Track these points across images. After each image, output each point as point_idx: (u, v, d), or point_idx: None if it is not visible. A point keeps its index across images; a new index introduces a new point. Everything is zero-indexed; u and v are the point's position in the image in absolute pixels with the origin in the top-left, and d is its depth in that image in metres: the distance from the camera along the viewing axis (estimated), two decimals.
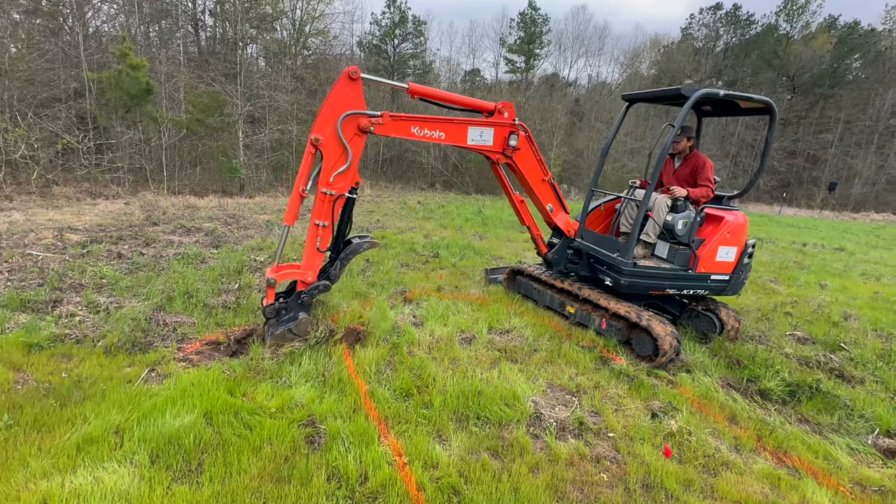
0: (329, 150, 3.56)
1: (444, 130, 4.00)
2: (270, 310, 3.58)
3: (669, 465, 2.61)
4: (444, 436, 2.71)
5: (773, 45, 38.03)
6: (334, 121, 3.50)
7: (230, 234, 8.09)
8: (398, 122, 3.80)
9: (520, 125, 4.25)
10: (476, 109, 4.24)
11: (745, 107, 4.40)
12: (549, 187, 4.73)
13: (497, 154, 4.31)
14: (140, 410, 2.57)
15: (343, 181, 3.66)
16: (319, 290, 3.75)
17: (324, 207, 3.62)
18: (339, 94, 3.52)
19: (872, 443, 3.08)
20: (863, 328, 5.57)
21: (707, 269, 4.40)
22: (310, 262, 3.68)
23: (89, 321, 3.87)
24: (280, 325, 3.62)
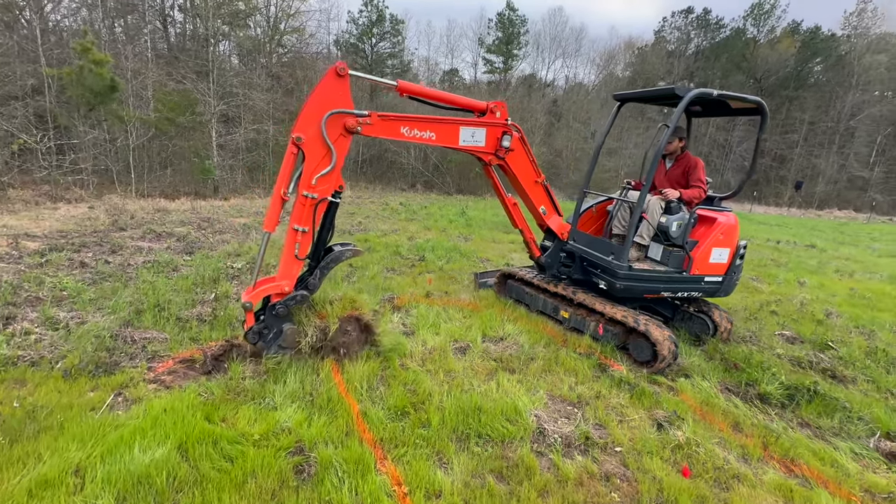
0: (312, 150, 3.30)
1: (435, 131, 3.78)
2: (252, 335, 3.34)
3: (681, 480, 2.49)
4: (445, 458, 2.52)
5: (741, 49, 39.32)
6: (318, 119, 3.23)
7: (204, 239, 7.69)
8: (387, 123, 3.57)
9: (513, 125, 4.08)
10: (467, 109, 4.04)
11: (735, 107, 4.37)
12: (542, 189, 4.60)
13: (490, 155, 4.13)
14: (104, 444, 2.29)
15: (326, 184, 3.40)
16: (296, 301, 3.43)
17: (304, 211, 3.36)
18: (324, 90, 3.27)
19: (875, 446, 3.05)
20: (845, 325, 5.66)
21: (701, 271, 4.35)
22: (286, 271, 3.40)
23: (47, 340, 3.51)
24: (269, 345, 3.39)
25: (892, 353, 4.65)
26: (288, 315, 3.41)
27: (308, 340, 3.43)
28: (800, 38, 38.33)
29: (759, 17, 40.03)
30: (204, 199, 12.85)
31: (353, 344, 3.57)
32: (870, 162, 35.51)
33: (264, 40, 22.14)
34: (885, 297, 7.29)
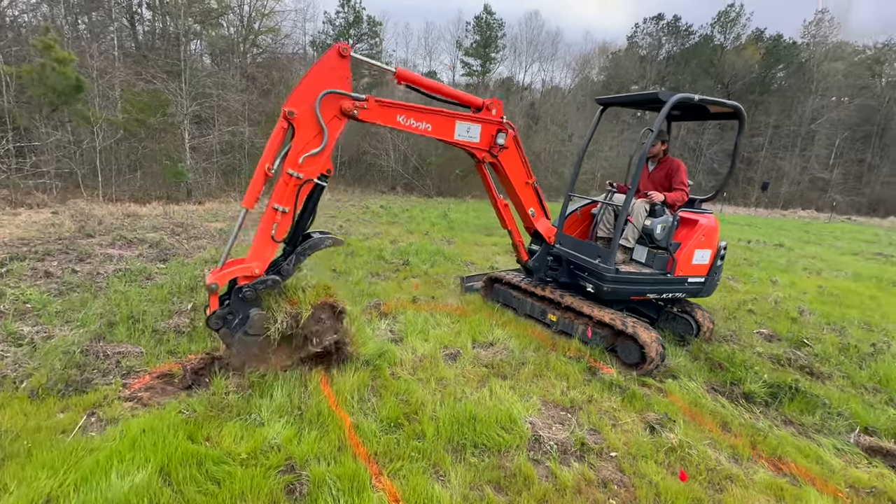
0: (303, 127, 3.14)
1: (431, 122, 3.74)
2: (215, 320, 3.06)
3: (677, 484, 2.51)
4: (442, 471, 2.46)
5: (709, 55, 40.68)
6: (313, 97, 3.10)
7: (179, 246, 7.40)
8: (384, 109, 3.48)
9: (507, 124, 4.09)
10: (463, 104, 4.03)
11: (714, 111, 4.48)
12: (532, 191, 4.61)
13: (483, 152, 4.13)
14: (78, 471, 2.14)
15: (313, 165, 3.22)
16: (267, 286, 3.15)
17: (287, 191, 3.16)
18: (323, 68, 3.15)
19: (855, 441, 3.15)
20: (818, 322, 5.87)
21: (684, 273, 4.43)
22: (259, 252, 3.16)
23: (10, 357, 3.28)
24: (233, 332, 3.12)
25: (864, 349, 4.84)
26: (256, 300, 3.14)
27: (278, 327, 3.14)
28: (764, 46, 39.95)
29: (725, 25, 41.53)
30: (177, 204, 12.40)
31: (327, 333, 3.37)
32: (829, 164, 37.27)
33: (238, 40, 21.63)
34: (852, 294, 7.61)
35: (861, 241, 16.71)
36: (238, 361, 3.19)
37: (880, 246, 15.22)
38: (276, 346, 3.22)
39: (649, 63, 41.52)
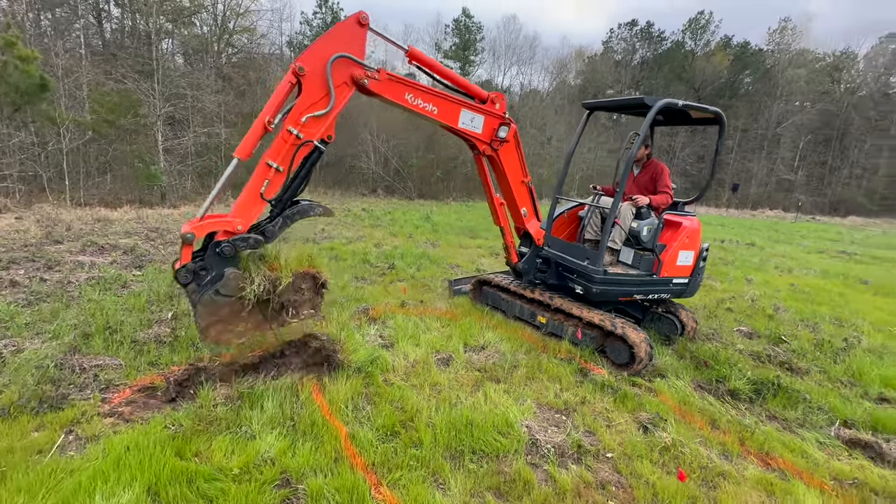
0: (310, 86, 3.08)
1: (438, 106, 3.80)
2: (185, 273, 2.81)
3: (674, 483, 2.54)
4: (442, 479, 2.43)
5: (681, 60, 41.92)
6: (325, 58, 3.05)
7: (155, 252, 7.13)
8: (394, 84, 3.49)
9: (510, 119, 4.14)
10: (469, 93, 4.08)
11: (696, 117, 4.59)
12: (527, 190, 4.67)
13: (484, 144, 4.20)
14: (58, 494, 2.01)
15: (315, 127, 3.12)
16: (248, 244, 2.95)
17: (284, 148, 3.03)
18: (340, 33, 3.14)
19: (835, 434, 3.27)
20: (792, 319, 6.09)
21: (669, 274, 4.52)
22: (245, 209, 2.98)
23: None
24: (202, 289, 2.86)
25: (837, 344, 5.04)
26: (233, 258, 2.93)
27: (254, 289, 2.92)
28: (731, 52, 41.44)
29: (695, 32, 42.91)
30: (150, 208, 11.98)
31: (305, 305, 3.23)
32: (794, 166, 38.88)
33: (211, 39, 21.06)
34: (821, 291, 7.94)
35: (825, 239, 17.48)
36: (203, 323, 2.89)
37: (843, 244, 15.94)
38: (247, 312, 2.98)
39: (624, 67, 42.50)
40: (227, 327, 2.98)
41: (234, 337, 3.02)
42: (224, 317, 2.95)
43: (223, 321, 2.96)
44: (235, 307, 2.96)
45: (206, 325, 2.90)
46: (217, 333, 2.94)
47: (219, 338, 2.97)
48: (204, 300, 2.85)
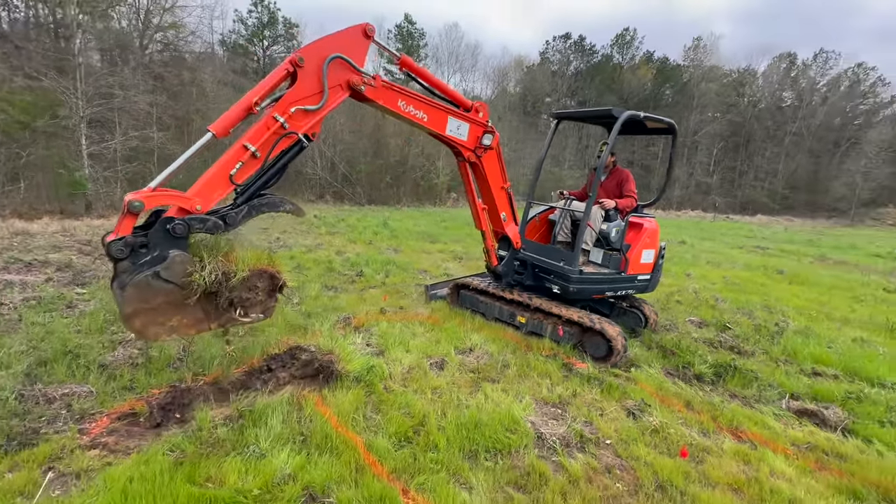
0: (306, 79, 3.06)
1: (428, 113, 3.96)
2: (120, 246, 2.41)
3: (669, 461, 2.79)
4: (463, 479, 2.49)
5: (610, 73, 44.99)
6: (324, 56, 3.09)
7: (95, 267, 6.49)
8: (389, 91, 3.62)
9: (492, 128, 4.36)
10: (455, 102, 4.23)
11: (651, 126, 5.02)
12: (506, 195, 4.86)
13: (469, 151, 4.39)
14: None
15: (303, 120, 3.05)
16: (205, 227, 2.62)
17: (266, 134, 2.89)
18: (345, 37, 3.23)
19: (786, 406, 3.73)
20: (731, 308, 6.79)
21: (635, 271, 4.89)
22: (207, 189, 2.71)
23: None
24: (137, 268, 2.46)
25: (771, 329, 5.71)
26: (184, 239, 2.59)
27: (203, 276, 2.57)
28: (654, 66, 45.17)
29: (622, 46, 46.28)
30: (76, 219, 10.83)
31: (256, 306, 2.92)
32: (710, 170, 43.03)
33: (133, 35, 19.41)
34: (749, 282, 8.91)
35: (741, 236, 19.55)
36: (129, 308, 2.45)
37: (757, 240, 17.93)
38: (186, 304, 2.61)
39: (560, 77, 44.77)
40: (158, 319, 2.55)
41: (164, 332, 2.60)
42: (157, 306, 2.53)
43: (156, 311, 2.53)
44: (173, 297, 2.56)
45: (133, 311, 2.45)
46: (144, 324, 2.51)
47: (144, 329, 2.53)
48: (138, 281, 2.42)
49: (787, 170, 42.00)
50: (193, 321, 2.71)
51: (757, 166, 43.20)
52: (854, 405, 3.74)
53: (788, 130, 42.52)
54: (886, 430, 3.40)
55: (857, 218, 36.61)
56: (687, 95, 43.40)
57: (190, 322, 2.70)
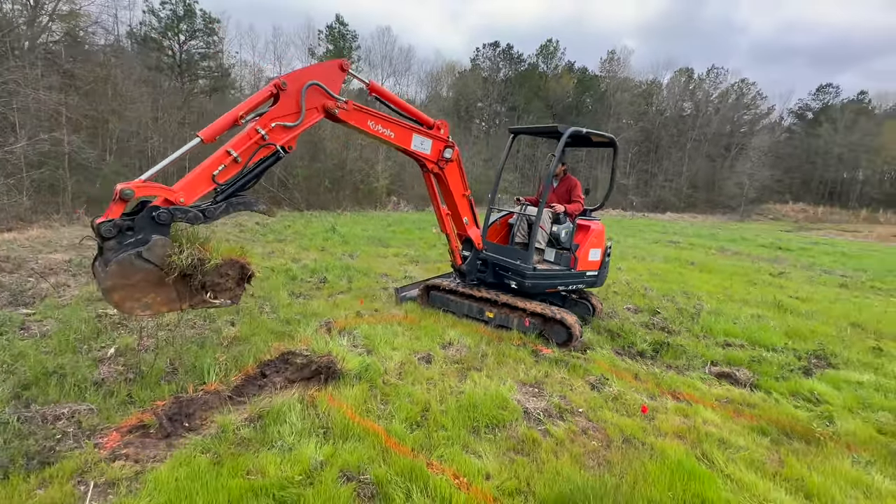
0: (286, 100, 3.56)
1: (395, 131, 4.46)
2: (109, 227, 2.71)
3: (629, 420, 3.43)
4: (472, 449, 2.92)
5: (537, 80, 47.66)
6: (304, 82, 3.62)
7: (28, 285, 5.98)
8: (360, 113, 4.12)
9: (453, 143, 4.89)
10: (419, 121, 4.72)
11: (595, 140, 5.80)
12: (467, 202, 5.35)
13: (432, 163, 4.90)
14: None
15: (281, 135, 3.53)
16: (187, 217, 2.97)
17: (247, 143, 3.32)
18: (323, 70, 3.78)
19: (709, 372, 4.60)
20: (657, 295, 7.87)
21: (583, 268, 5.62)
22: (192, 185, 3.06)
23: None
24: (122, 248, 2.75)
25: (690, 311, 6.77)
26: (166, 227, 2.90)
27: (182, 259, 2.86)
28: (575, 76, 48.65)
29: (547, 56, 49.28)
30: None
31: (226, 292, 3.19)
32: (627, 172, 47.26)
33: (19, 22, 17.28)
34: (669, 273, 10.26)
35: (656, 232, 21.91)
36: (110, 282, 2.70)
37: (669, 235, 20.24)
38: (162, 285, 2.88)
39: (491, 84, 46.62)
40: (135, 295, 2.81)
41: (139, 307, 2.84)
42: (136, 283, 2.80)
43: (134, 287, 2.80)
44: (151, 277, 2.84)
45: (113, 285, 2.71)
46: (122, 298, 2.76)
47: (121, 303, 2.78)
48: (122, 259, 2.71)
49: (690, 172, 47.32)
50: (167, 300, 2.95)
51: (665, 169, 48.11)
52: (756, 366, 4.71)
53: (690, 137, 47.93)
54: (780, 383, 4.36)
55: (746, 214, 42.28)
56: (605, 104, 47.27)
57: (164, 300, 2.94)
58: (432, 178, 5.16)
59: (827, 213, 44.39)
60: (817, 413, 3.83)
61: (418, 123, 4.79)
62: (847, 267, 13.39)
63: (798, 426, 3.52)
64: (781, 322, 6.49)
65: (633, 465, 2.86)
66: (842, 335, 6.08)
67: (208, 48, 33.39)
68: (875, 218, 41.52)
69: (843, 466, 3.02)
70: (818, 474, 2.90)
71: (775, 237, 22.19)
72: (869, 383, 4.47)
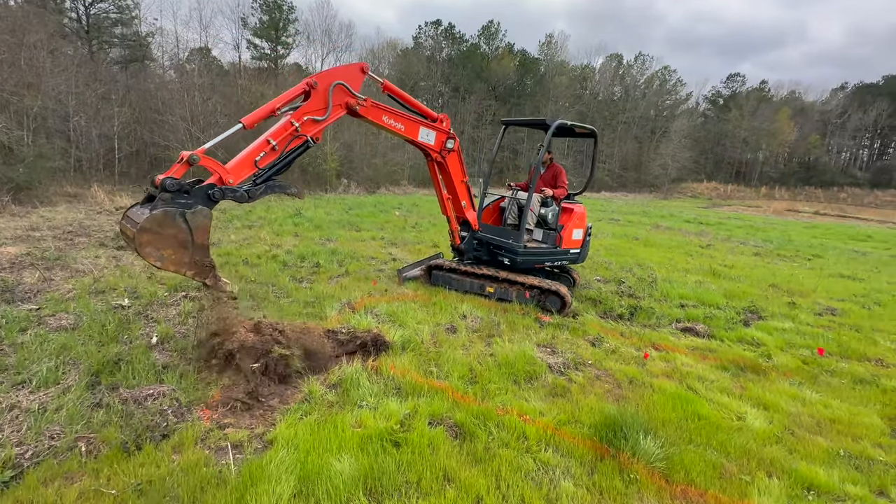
0: (316, 98, 4.06)
1: (405, 124, 5.01)
2: (174, 182, 3.05)
3: (629, 367, 4.26)
4: (521, 396, 3.56)
5: (479, 61, 48.20)
6: (330, 82, 4.13)
7: (23, 278, 5.65)
8: (377, 109, 4.65)
9: (454, 134, 5.45)
10: (423, 114, 5.24)
11: (578, 131, 6.52)
12: (466, 187, 5.90)
13: (436, 153, 5.44)
14: (310, 457, 2.39)
15: (311, 127, 4.01)
16: (236, 197, 3.44)
17: (284, 133, 3.80)
18: (346, 71, 4.34)
19: (675, 327, 5.61)
20: (617, 267, 8.97)
21: (568, 246, 6.41)
22: (239, 169, 3.51)
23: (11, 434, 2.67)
24: (172, 203, 3.07)
25: (647, 279, 7.88)
26: (215, 203, 3.33)
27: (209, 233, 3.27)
28: (515, 58, 49.82)
29: (488, 37, 49.83)
30: None
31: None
32: (566, 153, 49.79)
33: None
34: (620, 247, 11.53)
35: (598, 210, 23.77)
36: (147, 224, 2.96)
37: (609, 214, 22.11)
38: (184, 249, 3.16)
39: (434, 63, 46.46)
40: (158, 244, 3.04)
41: (155, 256, 3.04)
42: (165, 235, 3.06)
43: (161, 238, 3.05)
44: (180, 236, 3.12)
45: (150, 227, 2.97)
46: (147, 241, 2.99)
47: (144, 245, 2.98)
48: (169, 211, 3.04)
49: (620, 153, 50.83)
50: (178, 262, 3.19)
51: (600, 150, 51.24)
52: (709, 321, 5.80)
53: (620, 120, 51.28)
54: (728, 332, 5.45)
55: (669, 192, 46.55)
56: (544, 87, 49.03)
57: (177, 260, 3.17)
58: (435, 167, 5.65)
59: (735, 190, 50.11)
60: (759, 353, 4.93)
61: (423, 117, 5.26)
62: (757, 238, 15.70)
63: (748, 363, 4.56)
64: (719, 286, 7.80)
65: (643, 398, 3.66)
66: (765, 294, 7.48)
67: (121, 13, 30.17)
68: (772, 194, 47.68)
69: (784, 387, 4.06)
70: (769, 393, 3.90)
71: (696, 213, 24.99)
72: (790, 329, 5.72)
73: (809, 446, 3.15)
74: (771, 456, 2.98)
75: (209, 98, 23.54)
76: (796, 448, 3.12)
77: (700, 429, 3.23)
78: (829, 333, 5.63)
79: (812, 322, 6.14)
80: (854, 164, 61.45)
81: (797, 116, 57.15)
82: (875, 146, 63.59)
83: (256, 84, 27.97)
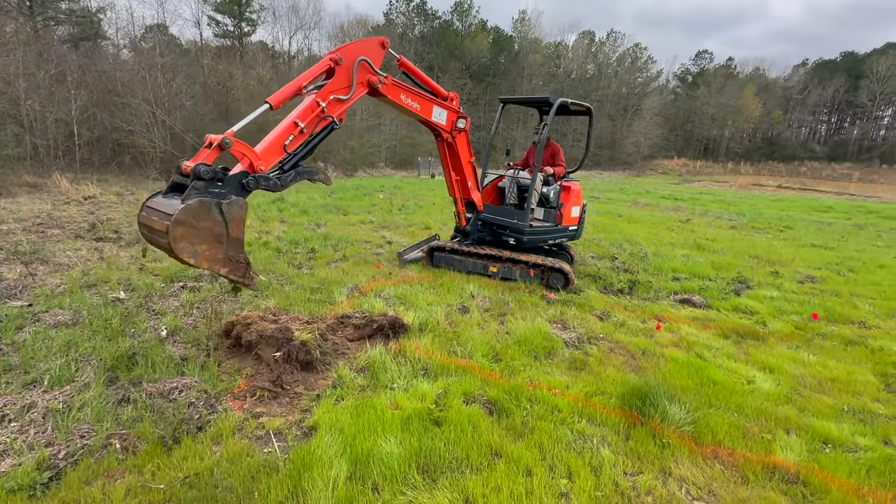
0: (340, 75, 3.88)
1: (420, 104, 4.92)
2: (207, 169, 2.82)
3: (639, 339, 4.41)
4: (543, 369, 3.64)
5: (453, 39, 47.33)
6: (355, 58, 3.94)
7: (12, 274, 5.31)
8: (396, 87, 4.54)
9: (464, 114, 5.39)
10: (435, 93, 5.14)
11: (574, 109, 6.52)
12: (472, 168, 5.86)
13: (447, 133, 5.37)
14: (359, 440, 2.39)
15: (336, 108, 3.84)
16: (269, 185, 3.25)
17: (311, 114, 3.61)
18: (367, 45, 4.13)
19: (674, 300, 5.82)
20: (608, 244, 9.18)
21: (567, 223, 6.50)
22: (268, 154, 3.31)
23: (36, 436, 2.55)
24: (206, 193, 2.83)
25: (639, 255, 8.11)
26: (249, 192, 3.13)
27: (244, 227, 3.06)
28: (488, 35, 49.15)
29: (461, 14, 48.86)
30: None
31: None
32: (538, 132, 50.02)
33: None
34: (607, 225, 11.77)
35: None
36: (182, 216, 2.69)
37: (589, 191, 22.46)
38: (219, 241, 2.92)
39: (407, 41, 45.30)
40: (193, 238, 2.79)
41: (188, 252, 2.78)
42: (200, 229, 2.80)
43: (196, 231, 2.79)
44: (216, 230, 2.88)
45: (184, 220, 2.71)
46: (181, 235, 2.73)
47: (178, 240, 2.71)
48: (204, 202, 2.79)
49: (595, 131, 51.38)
50: (213, 258, 2.94)
51: (574, 129, 51.66)
52: (704, 293, 6.04)
53: (594, 98, 51.59)
54: (723, 302, 5.70)
55: (642, 170, 47.56)
56: (518, 65, 48.71)
57: (210, 256, 2.92)
58: (445, 147, 5.58)
59: (703, 166, 51.66)
60: (755, 320, 5.18)
61: (435, 95, 5.19)
62: (730, 212, 16.32)
63: (747, 330, 4.80)
64: (706, 258, 8.11)
65: (658, 367, 3.81)
66: (749, 265, 7.83)
67: None
68: (738, 169, 49.41)
69: (784, 351, 4.30)
70: (771, 357, 4.13)
71: (670, 190, 25.69)
72: (778, 297, 6.03)
73: (816, 404, 3.37)
74: (785, 415, 3.17)
75: (173, 79, 22.29)
76: (805, 407, 3.33)
77: (716, 393, 3.39)
78: (814, 300, 5.97)
79: (796, 290, 6.49)
80: (813, 138, 64.27)
81: (761, 93, 59.00)
82: (832, 121, 66.60)
83: (223, 63, 26.68)
